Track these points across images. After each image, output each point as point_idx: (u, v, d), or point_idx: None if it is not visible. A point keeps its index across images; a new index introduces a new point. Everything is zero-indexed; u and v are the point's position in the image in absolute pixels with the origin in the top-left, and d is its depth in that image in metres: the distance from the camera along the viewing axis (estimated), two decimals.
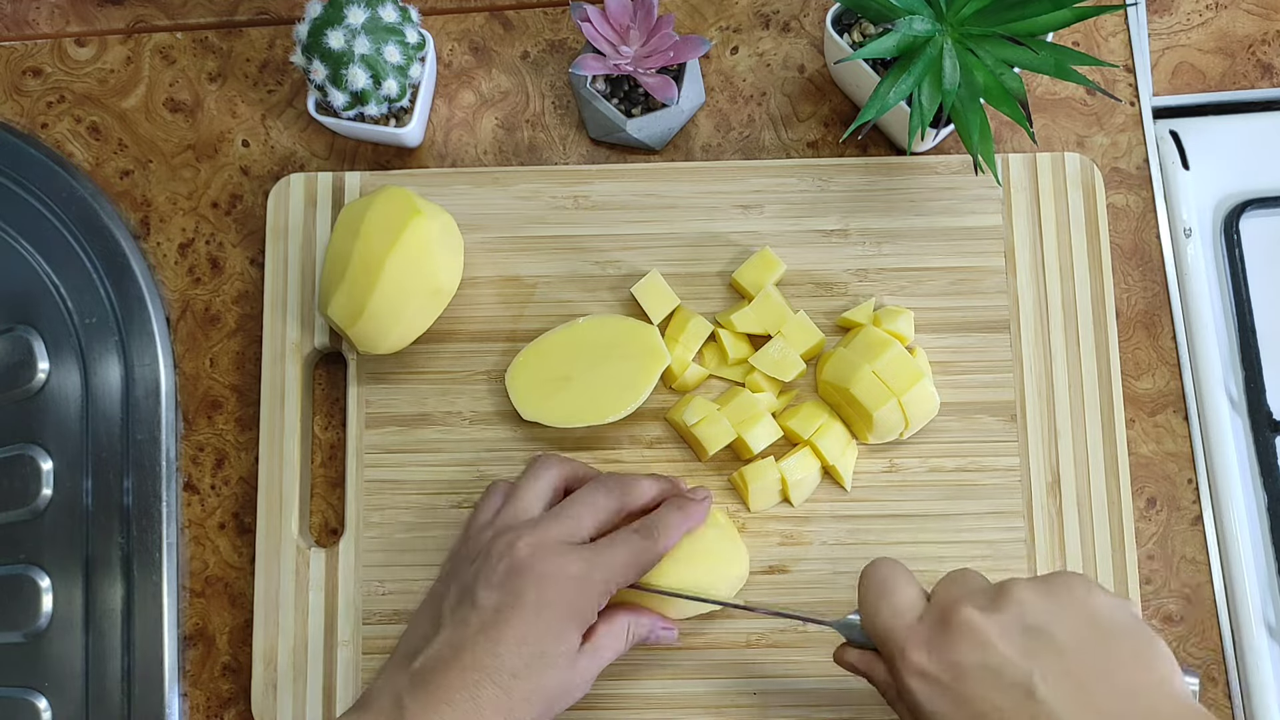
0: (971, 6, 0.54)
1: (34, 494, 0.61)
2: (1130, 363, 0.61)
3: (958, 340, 0.60)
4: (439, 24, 0.66)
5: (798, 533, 0.58)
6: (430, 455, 0.59)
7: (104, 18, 0.66)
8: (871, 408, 0.55)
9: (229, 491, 0.61)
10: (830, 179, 0.61)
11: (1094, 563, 0.57)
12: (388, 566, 0.58)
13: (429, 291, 0.56)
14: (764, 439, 0.57)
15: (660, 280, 0.59)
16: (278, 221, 0.61)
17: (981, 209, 0.61)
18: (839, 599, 0.57)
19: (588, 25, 0.58)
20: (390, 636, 0.57)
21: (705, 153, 0.64)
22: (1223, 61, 0.65)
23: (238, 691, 0.59)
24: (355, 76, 0.56)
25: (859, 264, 0.60)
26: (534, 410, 0.57)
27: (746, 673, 0.57)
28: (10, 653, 0.60)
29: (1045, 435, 0.59)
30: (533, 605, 0.48)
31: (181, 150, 0.64)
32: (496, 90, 0.65)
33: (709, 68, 0.65)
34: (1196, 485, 0.60)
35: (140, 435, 0.61)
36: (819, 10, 0.65)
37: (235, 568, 0.60)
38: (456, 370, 0.60)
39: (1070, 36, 0.64)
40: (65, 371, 0.62)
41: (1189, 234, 0.63)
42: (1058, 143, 0.63)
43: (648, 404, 0.58)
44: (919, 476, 0.58)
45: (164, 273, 0.63)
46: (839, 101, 0.64)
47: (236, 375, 0.62)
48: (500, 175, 0.62)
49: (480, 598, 0.49)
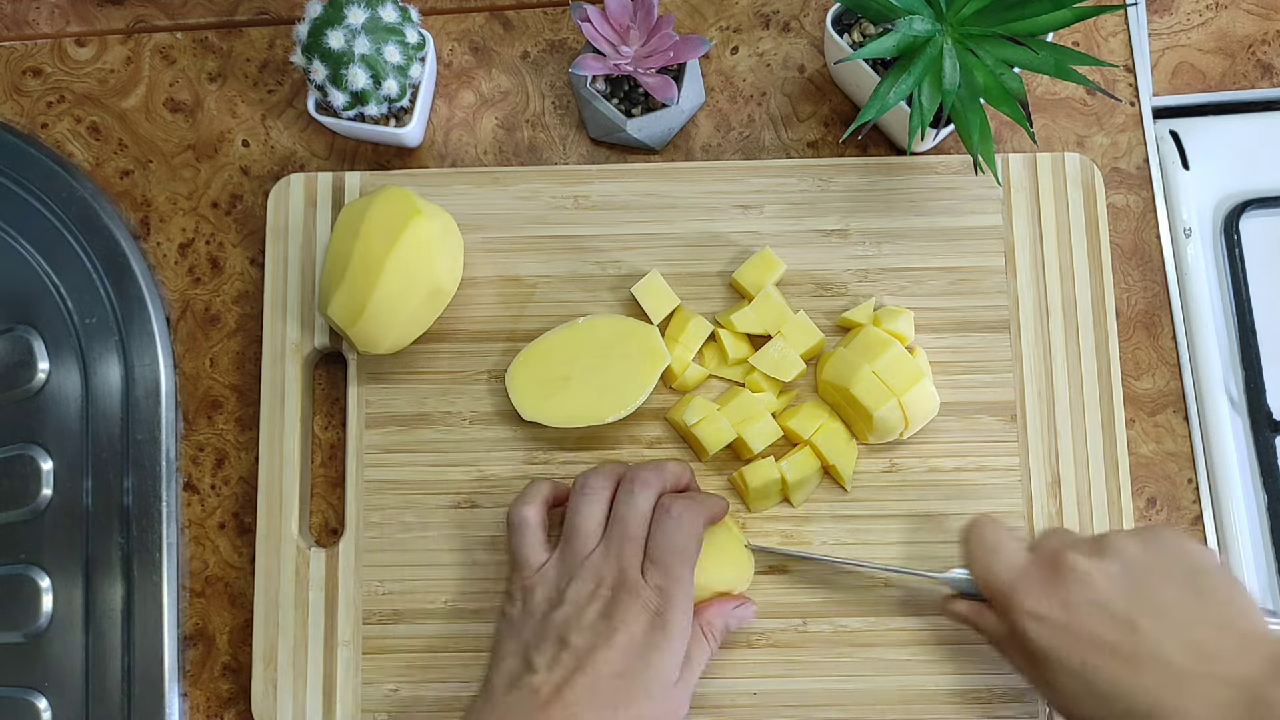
0: (971, 6, 0.54)
1: (34, 494, 0.61)
2: (1130, 363, 0.61)
3: (958, 340, 0.60)
4: (439, 24, 0.66)
5: (798, 533, 0.58)
6: (430, 455, 0.59)
7: (104, 18, 0.66)
8: (871, 408, 0.55)
9: (229, 491, 0.61)
10: (830, 179, 0.61)
11: None
12: (388, 566, 0.58)
13: (429, 291, 0.56)
14: (764, 439, 0.57)
15: (660, 280, 0.59)
16: (278, 221, 0.61)
17: (981, 209, 0.61)
18: (839, 599, 0.57)
19: (588, 25, 0.58)
20: (390, 636, 0.58)
21: (705, 153, 0.64)
22: (1223, 61, 0.65)
23: (238, 691, 0.59)
24: (355, 76, 0.56)
25: (859, 264, 0.60)
26: (534, 410, 0.57)
27: (746, 673, 0.57)
28: (10, 653, 0.60)
29: (1045, 435, 0.59)
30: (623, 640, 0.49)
31: (181, 150, 0.64)
32: (496, 90, 0.65)
33: (709, 68, 0.65)
34: (1196, 485, 0.60)
35: (140, 435, 0.61)
36: (819, 10, 0.65)
37: (235, 568, 0.60)
38: (456, 370, 0.60)
39: (1070, 36, 0.64)
40: (65, 371, 0.62)
41: (1189, 234, 0.63)
42: (1058, 143, 0.63)
43: (648, 404, 0.58)
44: (919, 476, 0.59)
45: (164, 273, 0.63)
46: (839, 101, 0.64)
47: (236, 375, 0.62)
48: (500, 175, 0.62)
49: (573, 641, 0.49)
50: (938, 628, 0.57)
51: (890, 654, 0.57)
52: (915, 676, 0.57)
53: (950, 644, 0.57)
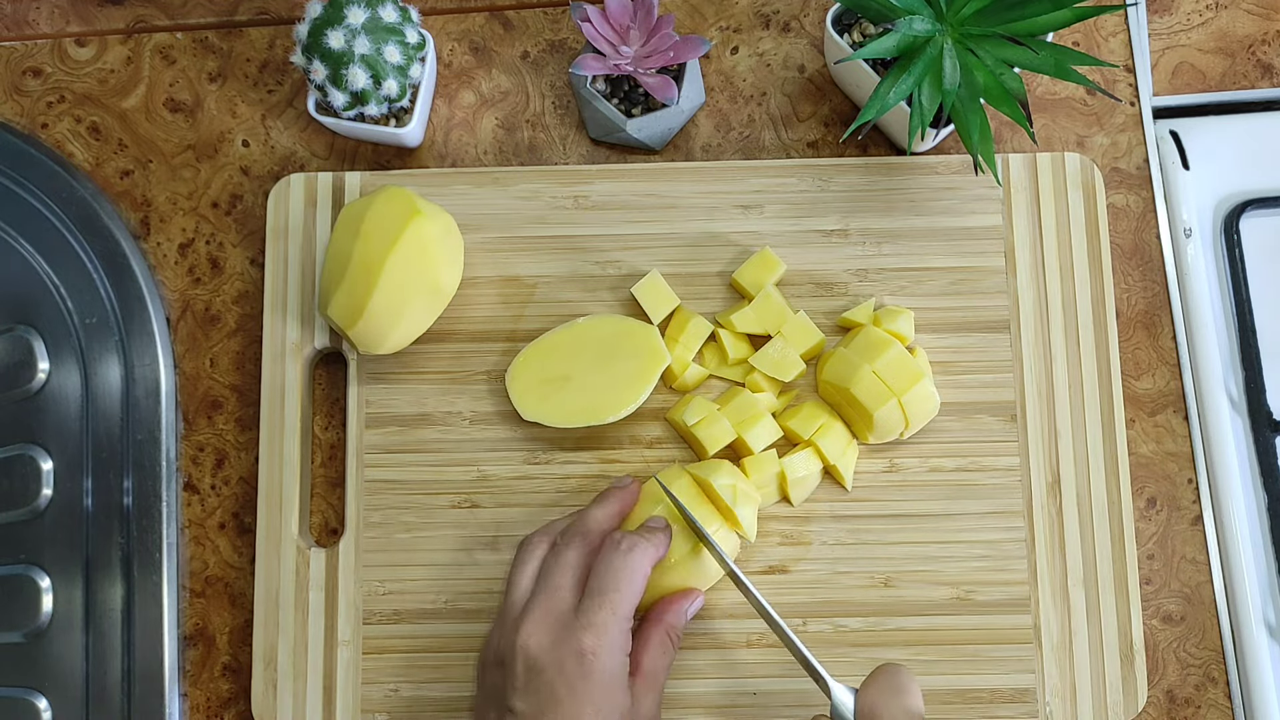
0: (971, 6, 0.54)
1: (34, 494, 0.61)
2: (1130, 363, 0.61)
3: (958, 340, 0.60)
4: (439, 24, 0.66)
5: (798, 533, 0.58)
6: (430, 455, 0.59)
7: (104, 18, 0.66)
8: (872, 408, 0.55)
9: (229, 491, 0.61)
10: (830, 179, 0.61)
11: (1094, 563, 0.57)
12: (388, 566, 0.58)
13: (429, 291, 0.56)
14: (764, 439, 0.57)
15: (660, 280, 0.59)
16: (278, 221, 0.61)
17: (981, 209, 0.61)
18: (839, 599, 0.57)
19: (588, 25, 0.58)
20: (390, 636, 0.58)
21: (705, 153, 0.64)
22: (1223, 61, 0.65)
23: (238, 691, 0.59)
24: (355, 76, 0.56)
25: (859, 264, 0.60)
26: (534, 410, 0.57)
27: (746, 673, 0.57)
28: (10, 653, 0.60)
29: (1045, 435, 0.59)
30: (566, 697, 0.48)
31: (181, 150, 0.64)
32: (496, 90, 0.65)
33: (709, 68, 0.65)
34: (1196, 485, 0.60)
35: (140, 435, 0.61)
36: (819, 10, 0.65)
37: (235, 568, 0.60)
38: (456, 370, 0.60)
39: (1070, 36, 0.64)
40: (65, 371, 0.62)
41: (1189, 234, 0.63)
42: (1058, 143, 0.63)
43: (648, 404, 0.58)
44: (919, 476, 0.59)
45: (164, 273, 0.63)
46: (839, 101, 0.64)
47: (236, 375, 0.62)
48: (500, 175, 0.62)
49: (517, 708, 0.48)
50: (937, 628, 0.57)
51: (890, 654, 0.57)
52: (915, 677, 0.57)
53: (950, 644, 0.57)
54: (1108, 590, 0.57)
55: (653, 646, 0.52)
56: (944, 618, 0.57)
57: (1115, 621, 0.57)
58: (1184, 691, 0.58)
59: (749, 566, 0.58)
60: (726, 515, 0.54)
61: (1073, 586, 0.57)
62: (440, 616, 0.58)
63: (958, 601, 0.57)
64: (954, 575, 0.57)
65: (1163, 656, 0.59)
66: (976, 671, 0.57)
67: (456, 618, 0.58)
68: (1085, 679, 0.56)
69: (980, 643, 0.57)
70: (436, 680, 0.57)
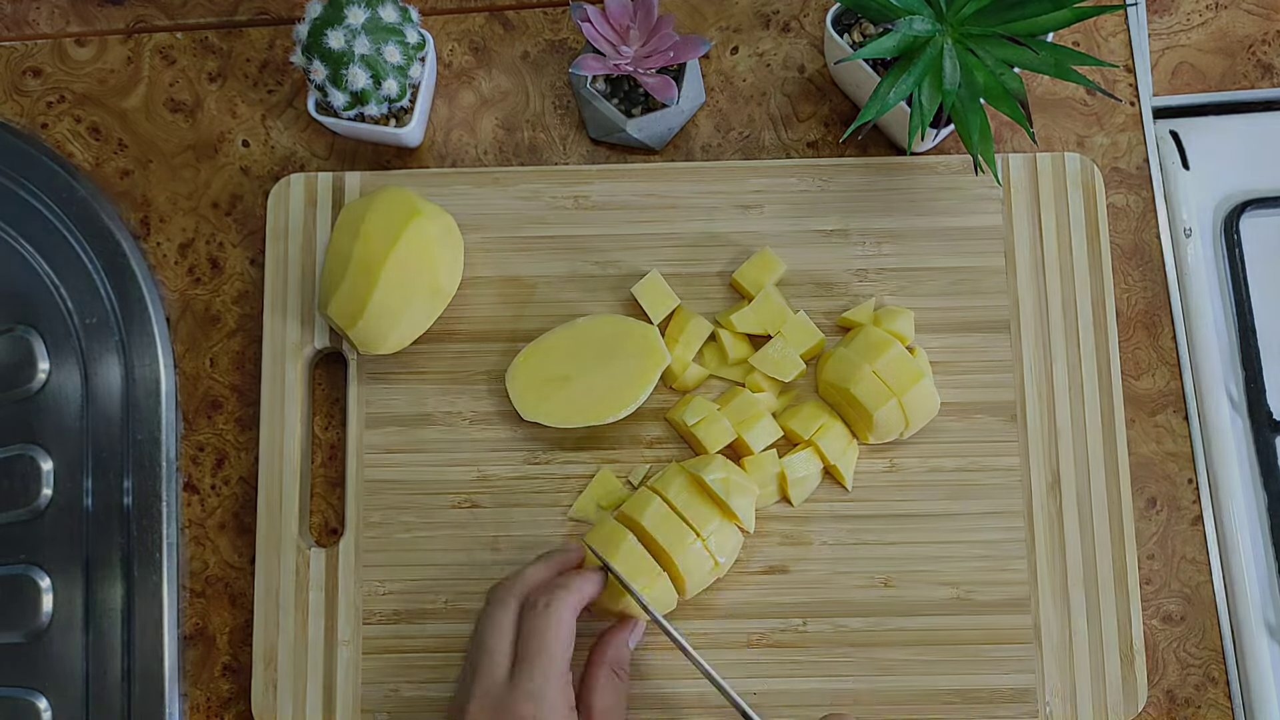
0: (971, 6, 0.54)
1: (34, 494, 0.61)
2: (1130, 363, 0.61)
3: (958, 340, 0.60)
4: (439, 24, 0.66)
5: (798, 533, 0.58)
6: (430, 455, 0.59)
7: (104, 18, 0.66)
8: (872, 408, 0.55)
9: (229, 491, 0.61)
10: (830, 179, 0.61)
11: (1094, 563, 0.57)
12: (388, 566, 0.58)
13: (429, 291, 0.56)
14: (764, 439, 0.57)
15: (660, 280, 0.59)
16: (278, 222, 0.61)
17: (981, 209, 0.61)
18: (839, 599, 0.57)
19: (588, 25, 0.58)
20: (390, 636, 0.58)
21: (705, 153, 0.64)
22: (1223, 61, 0.65)
23: (238, 691, 0.59)
24: (355, 76, 0.56)
25: (859, 264, 0.60)
26: (534, 410, 0.57)
27: (746, 673, 0.57)
28: (10, 653, 0.60)
29: (1045, 435, 0.59)
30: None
31: (181, 150, 0.64)
32: (496, 90, 0.65)
33: (709, 68, 0.65)
34: (1196, 485, 0.60)
35: (140, 435, 0.61)
36: (819, 10, 0.65)
37: (235, 568, 0.60)
38: (456, 370, 0.60)
39: (1070, 36, 0.64)
40: (65, 371, 0.62)
41: (1189, 234, 0.63)
42: (1058, 143, 0.63)
43: (648, 404, 0.58)
44: (919, 476, 0.59)
45: (164, 273, 0.63)
46: (839, 101, 0.64)
47: (236, 375, 0.62)
48: (500, 175, 0.62)
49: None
50: (937, 628, 0.57)
51: (890, 654, 0.57)
52: (915, 676, 0.57)
53: (950, 644, 0.57)
54: (1108, 590, 0.57)
55: (600, 686, 0.51)
56: (944, 618, 0.57)
57: (1115, 621, 0.57)
58: (1184, 691, 0.58)
59: (749, 566, 0.58)
60: (724, 509, 0.54)
61: (1073, 586, 0.57)
62: (440, 616, 0.58)
63: (958, 601, 0.57)
64: (954, 575, 0.57)
65: (1163, 656, 0.59)
66: (976, 672, 0.57)
67: (456, 618, 0.58)
68: (1085, 679, 0.56)
69: (980, 643, 0.57)
70: (436, 680, 0.57)
